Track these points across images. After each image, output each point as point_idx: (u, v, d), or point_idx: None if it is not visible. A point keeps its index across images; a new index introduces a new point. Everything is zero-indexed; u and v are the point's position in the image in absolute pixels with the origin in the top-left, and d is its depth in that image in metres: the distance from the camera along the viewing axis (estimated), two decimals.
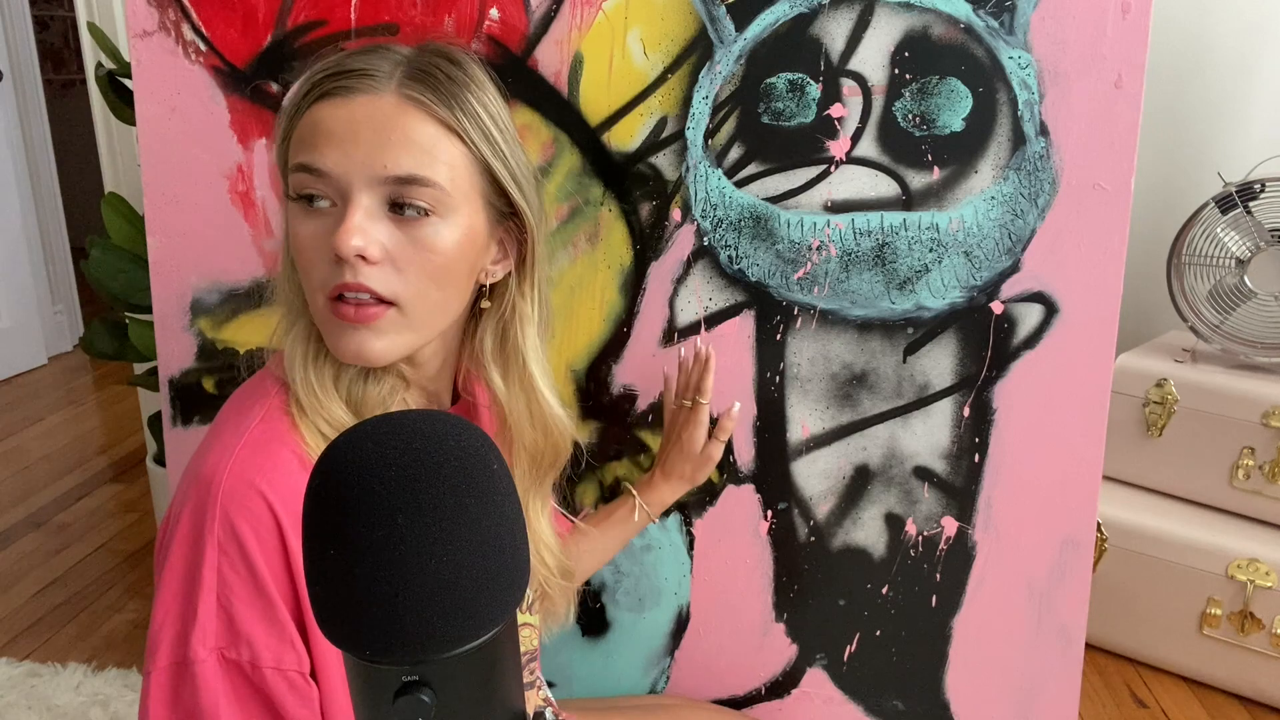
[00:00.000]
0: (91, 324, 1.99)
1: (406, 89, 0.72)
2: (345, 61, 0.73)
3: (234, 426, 0.74)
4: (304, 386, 0.75)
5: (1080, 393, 1.10)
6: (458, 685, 0.42)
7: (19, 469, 2.78)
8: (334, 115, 0.71)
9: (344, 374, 0.77)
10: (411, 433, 0.42)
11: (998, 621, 1.17)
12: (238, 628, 0.69)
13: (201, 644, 0.69)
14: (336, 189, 0.71)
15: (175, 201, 1.14)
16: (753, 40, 1.07)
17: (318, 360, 0.76)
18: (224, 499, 0.69)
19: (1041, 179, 1.06)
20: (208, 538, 0.69)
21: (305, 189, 0.72)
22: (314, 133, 0.72)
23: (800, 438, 1.16)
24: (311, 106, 0.73)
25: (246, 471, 0.70)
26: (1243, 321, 1.80)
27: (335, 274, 0.71)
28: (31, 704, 1.72)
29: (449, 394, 0.87)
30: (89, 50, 2.27)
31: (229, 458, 0.71)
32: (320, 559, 0.42)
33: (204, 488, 0.70)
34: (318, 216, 0.72)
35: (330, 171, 0.71)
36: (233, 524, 0.69)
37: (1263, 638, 1.69)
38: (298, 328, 0.77)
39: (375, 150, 0.70)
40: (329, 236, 0.71)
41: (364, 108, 0.71)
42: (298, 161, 0.72)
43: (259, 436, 0.72)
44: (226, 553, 0.69)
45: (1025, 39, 1.03)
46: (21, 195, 3.47)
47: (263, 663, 0.69)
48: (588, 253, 1.13)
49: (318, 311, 0.74)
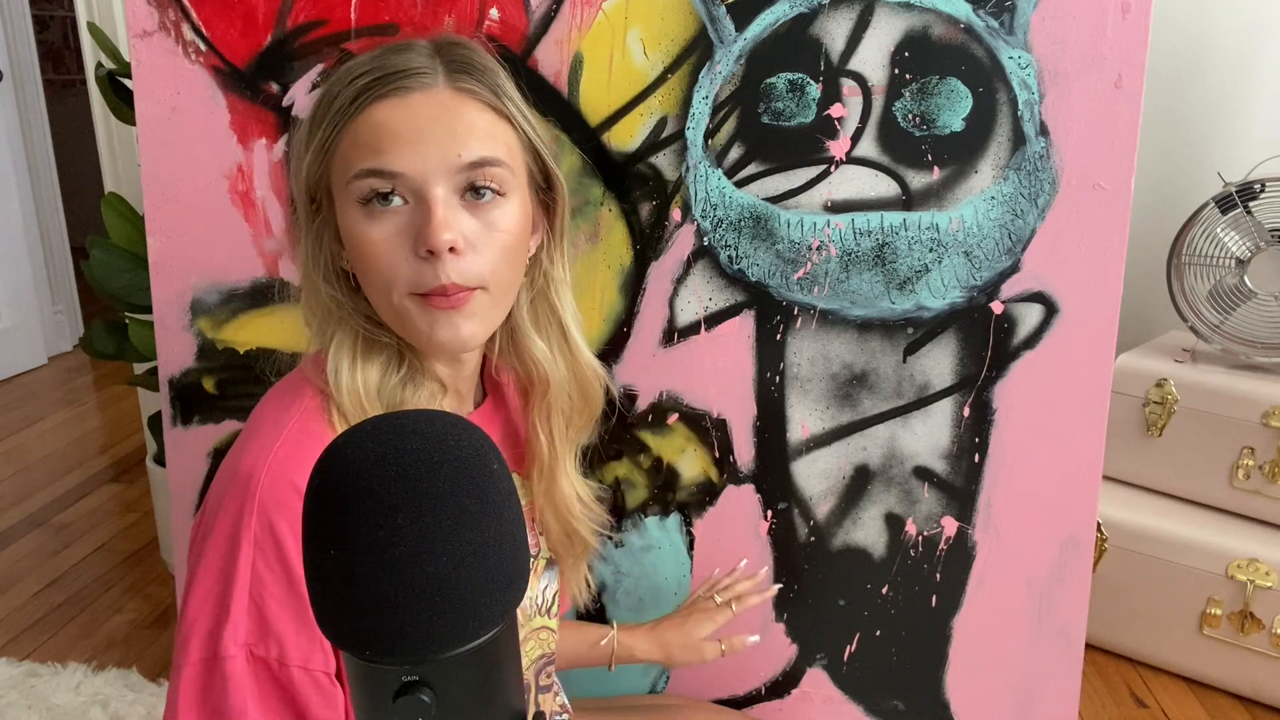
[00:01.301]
0: (91, 324, 1.99)
1: (456, 81, 0.74)
2: (385, 62, 0.73)
3: (273, 425, 0.74)
4: (349, 395, 0.75)
5: (1080, 393, 1.10)
6: (458, 685, 0.42)
7: (19, 469, 2.78)
8: (394, 116, 0.72)
9: (386, 381, 0.77)
10: (411, 432, 0.42)
11: (998, 621, 1.17)
12: (269, 625, 0.69)
13: (233, 640, 0.69)
14: (409, 187, 0.72)
15: (175, 201, 1.14)
16: (753, 40, 1.07)
17: (365, 367, 0.76)
18: (262, 496, 0.69)
19: (1041, 179, 1.06)
20: (244, 534, 0.69)
21: (374, 192, 0.72)
22: (377, 136, 0.72)
23: (800, 438, 1.16)
24: (363, 111, 0.72)
25: (285, 469, 0.70)
26: (1243, 321, 1.80)
27: (421, 273, 0.72)
28: (31, 704, 1.72)
29: (477, 391, 0.88)
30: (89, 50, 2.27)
31: (268, 455, 0.71)
32: (320, 559, 0.42)
33: (242, 484, 0.70)
34: (389, 217, 0.72)
35: (405, 171, 0.71)
36: (270, 521, 0.69)
37: (1263, 638, 1.69)
38: (340, 335, 0.77)
39: (446, 142, 0.72)
40: (405, 235, 0.72)
41: (424, 104, 0.72)
42: (365, 168, 0.72)
43: (297, 434, 0.72)
44: (263, 549, 0.69)
45: (1025, 39, 1.03)
46: (21, 195, 3.47)
47: (290, 661, 0.69)
48: (588, 253, 1.13)
49: (397, 308, 0.74)
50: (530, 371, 0.86)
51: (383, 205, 0.72)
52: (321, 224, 0.78)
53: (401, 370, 0.78)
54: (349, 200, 0.73)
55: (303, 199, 0.78)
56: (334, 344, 0.77)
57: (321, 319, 0.79)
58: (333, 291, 0.78)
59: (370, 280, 0.75)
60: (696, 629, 1.08)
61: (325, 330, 0.78)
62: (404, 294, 0.73)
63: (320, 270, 0.78)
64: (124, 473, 2.75)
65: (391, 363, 0.78)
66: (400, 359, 0.79)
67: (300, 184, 0.78)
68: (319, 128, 0.75)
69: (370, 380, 0.76)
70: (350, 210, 0.74)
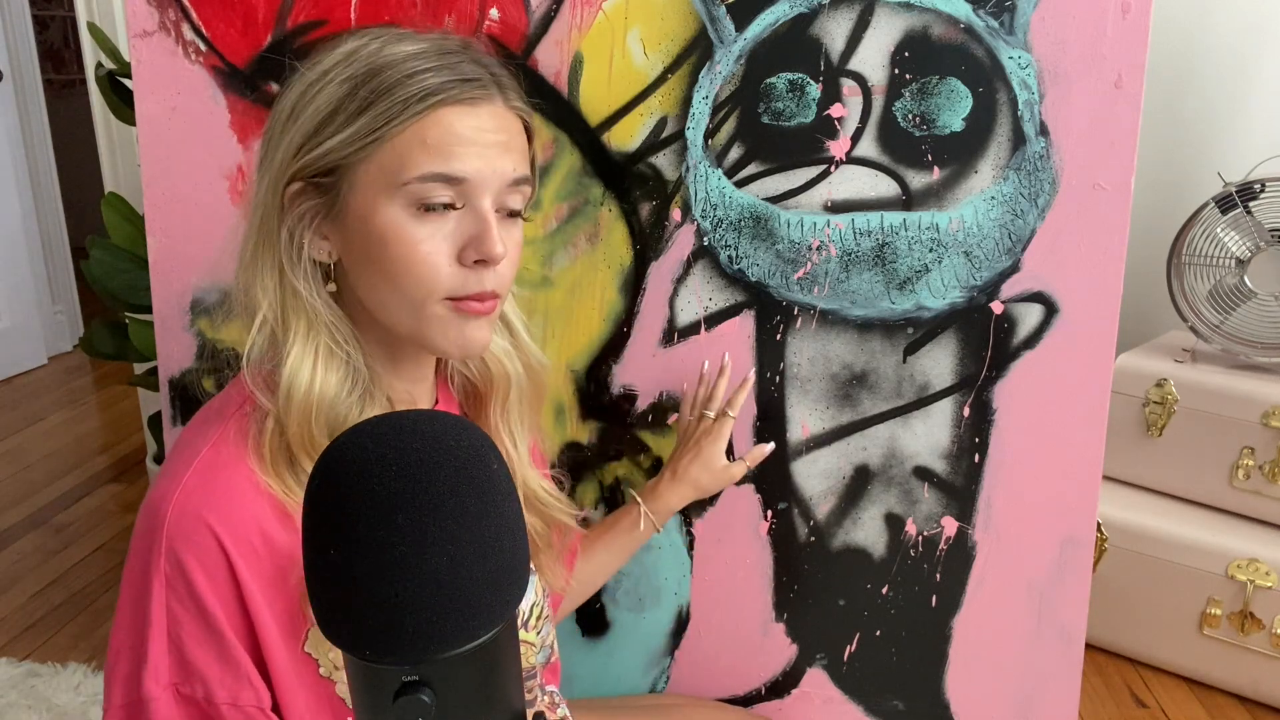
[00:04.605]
0: (91, 324, 1.99)
1: (509, 99, 0.75)
2: (450, 64, 0.72)
3: (187, 453, 0.71)
4: (300, 407, 0.71)
5: (1080, 393, 1.10)
6: (458, 685, 0.42)
7: (19, 469, 2.78)
8: (467, 124, 0.71)
9: (340, 396, 0.74)
10: (411, 432, 0.42)
11: (998, 621, 1.17)
12: (190, 665, 0.68)
13: (155, 682, 0.67)
14: (467, 195, 0.72)
15: (175, 201, 1.14)
16: (753, 40, 1.07)
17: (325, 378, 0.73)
18: (169, 532, 0.67)
19: (1041, 179, 1.06)
20: (154, 573, 0.67)
21: (436, 196, 0.71)
22: (449, 141, 0.71)
23: (800, 438, 1.16)
24: (435, 112, 0.70)
25: (192, 503, 0.68)
26: (1243, 321, 1.80)
27: (466, 279, 0.73)
28: (31, 704, 1.72)
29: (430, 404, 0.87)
30: (89, 50, 2.27)
31: (175, 488, 0.69)
32: (320, 559, 0.42)
33: (150, 520, 0.68)
34: (439, 222, 0.72)
35: (471, 178, 0.72)
36: (179, 559, 0.67)
37: (1263, 638, 1.69)
38: (305, 338, 0.73)
39: (503, 157, 0.73)
40: (451, 241, 0.72)
41: (491, 117, 0.73)
42: (435, 171, 0.70)
43: (208, 463, 0.70)
44: (174, 588, 0.67)
45: (1025, 39, 1.03)
46: (21, 195, 3.47)
47: (217, 699, 0.68)
48: (588, 253, 1.13)
49: (427, 313, 0.73)
50: (488, 371, 0.87)
51: (428, 212, 0.72)
52: (310, 209, 0.74)
53: (358, 387, 0.75)
54: (396, 199, 0.71)
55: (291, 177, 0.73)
56: (294, 349, 0.73)
57: (278, 316, 0.74)
58: (307, 287, 0.74)
59: (402, 282, 0.72)
60: (713, 455, 1.07)
61: (283, 330, 0.73)
62: (439, 299, 0.73)
63: (298, 261, 0.74)
64: (124, 473, 2.75)
65: (348, 379, 0.74)
66: (356, 376, 0.75)
67: (299, 162, 0.72)
68: (363, 114, 0.70)
69: (327, 394, 0.72)
70: (393, 208, 0.71)
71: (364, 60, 0.72)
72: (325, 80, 0.72)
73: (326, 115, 0.71)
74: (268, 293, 0.74)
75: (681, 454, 1.09)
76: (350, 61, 0.72)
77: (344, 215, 0.73)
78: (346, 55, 0.73)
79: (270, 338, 0.75)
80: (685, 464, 1.07)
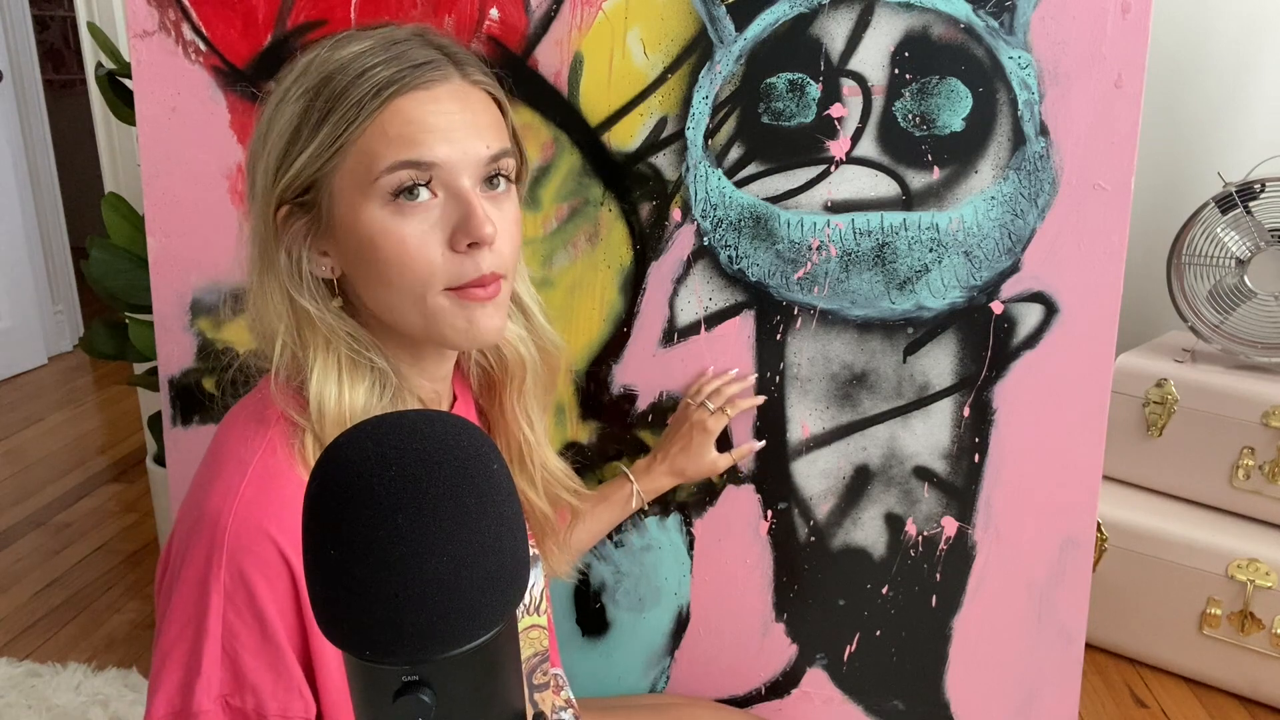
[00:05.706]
0: (91, 324, 1.99)
1: (466, 73, 0.73)
2: (397, 54, 0.71)
3: (236, 463, 0.71)
4: (335, 424, 0.71)
5: (1080, 393, 1.10)
6: (458, 685, 0.42)
7: (19, 469, 2.78)
8: (425, 109, 0.70)
9: (371, 405, 0.74)
10: (411, 432, 0.42)
11: (998, 621, 1.17)
12: (244, 677, 0.67)
13: (206, 694, 0.67)
14: (442, 180, 0.71)
15: (175, 201, 1.14)
16: (753, 40, 1.07)
17: (352, 392, 0.73)
18: (230, 543, 0.67)
19: (1041, 179, 1.06)
20: (213, 583, 0.67)
21: (409, 184, 0.70)
22: (410, 128, 0.70)
23: (800, 438, 1.16)
24: (390, 105, 0.70)
25: (253, 513, 0.68)
26: (1243, 321, 1.80)
27: (461, 265, 0.72)
28: (31, 704, 1.72)
29: (448, 395, 0.87)
30: (89, 50, 2.27)
31: (233, 498, 0.68)
32: (320, 559, 0.42)
33: (209, 530, 0.68)
34: (419, 213, 0.71)
35: (442, 162, 0.70)
36: (242, 571, 0.67)
37: (1263, 638, 1.69)
38: (323, 357, 0.73)
39: (473, 133, 0.72)
40: (438, 230, 0.71)
41: (449, 97, 0.71)
42: (401, 160, 0.69)
43: (263, 471, 0.70)
44: (234, 601, 0.67)
45: (1025, 39, 1.03)
46: (21, 195, 3.47)
47: (269, 712, 0.68)
48: (588, 253, 1.13)
49: (431, 308, 0.72)
50: (504, 359, 0.87)
51: (410, 199, 0.70)
52: (302, 229, 0.74)
53: (388, 392, 0.75)
54: (373, 198, 0.70)
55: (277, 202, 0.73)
56: (317, 367, 0.73)
57: (296, 338, 0.74)
58: (316, 306, 0.74)
59: (399, 280, 0.72)
60: (702, 449, 1.11)
61: (303, 350, 0.74)
62: (439, 290, 0.72)
63: (301, 281, 0.74)
64: (124, 473, 2.75)
65: (376, 385, 0.75)
66: (384, 380, 0.75)
67: (279, 186, 0.72)
68: (323, 124, 0.70)
69: (357, 405, 0.73)
70: (372, 209, 0.71)
71: (315, 71, 0.72)
72: (285, 99, 0.72)
73: (291, 134, 0.71)
74: (281, 317, 0.74)
75: (672, 441, 1.12)
76: (304, 75, 0.72)
77: (333, 228, 0.73)
78: (302, 69, 0.73)
79: (293, 358, 0.75)
80: (674, 452, 1.11)
